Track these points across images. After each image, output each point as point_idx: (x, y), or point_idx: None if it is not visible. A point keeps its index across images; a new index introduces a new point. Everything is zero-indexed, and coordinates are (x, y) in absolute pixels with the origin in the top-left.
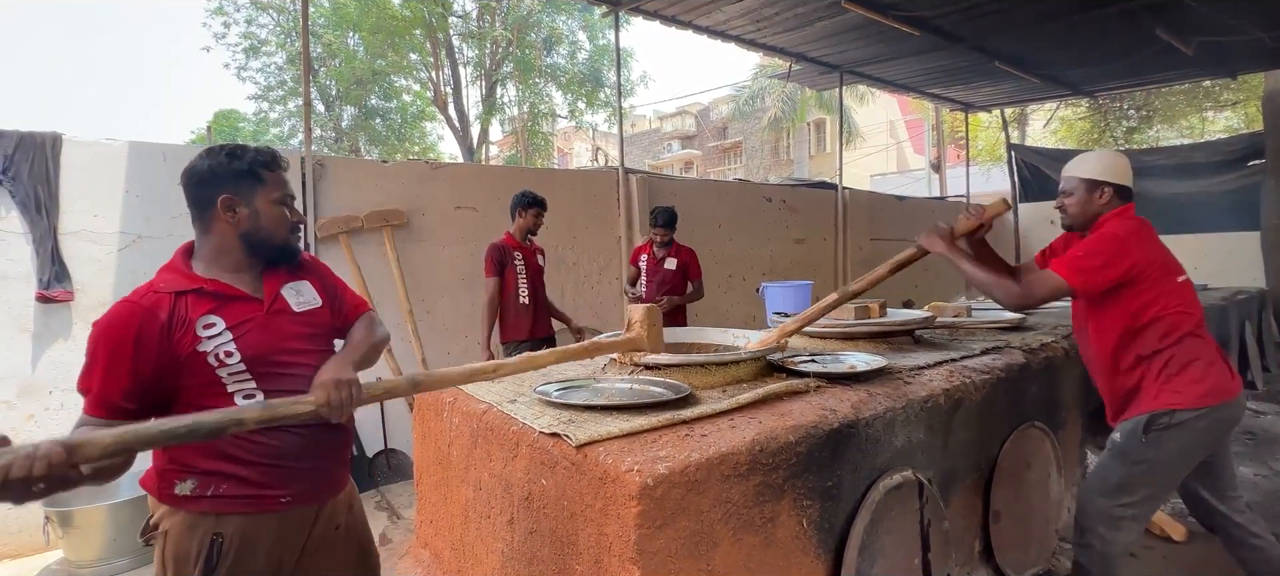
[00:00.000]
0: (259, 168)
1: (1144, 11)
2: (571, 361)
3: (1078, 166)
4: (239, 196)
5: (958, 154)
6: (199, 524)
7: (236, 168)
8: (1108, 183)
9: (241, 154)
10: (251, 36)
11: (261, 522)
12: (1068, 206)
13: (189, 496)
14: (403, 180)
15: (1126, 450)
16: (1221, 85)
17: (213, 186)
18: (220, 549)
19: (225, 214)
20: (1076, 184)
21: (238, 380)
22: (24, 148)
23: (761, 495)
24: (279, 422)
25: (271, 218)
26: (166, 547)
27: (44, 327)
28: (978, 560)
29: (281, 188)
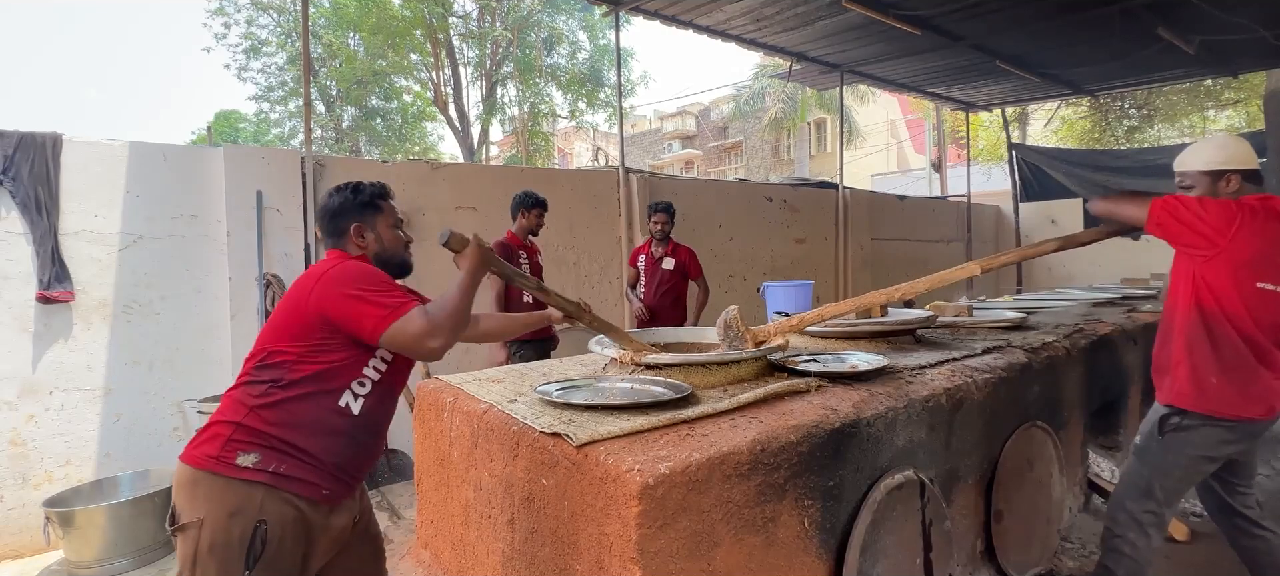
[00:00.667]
0: (377, 199)
1: (1145, 10)
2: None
3: (1194, 158)
4: (366, 224)
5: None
6: (244, 509)
7: (360, 201)
8: (1233, 170)
9: (361, 189)
10: (252, 37)
11: (298, 512)
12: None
13: (250, 468)
14: (403, 180)
15: (1146, 451)
16: (1223, 84)
17: (344, 218)
18: (265, 536)
19: (357, 239)
20: (1197, 177)
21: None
22: (24, 148)
23: (763, 495)
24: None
25: (392, 239)
26: (202, 536)
27: (45, 328)
28: (980, 560)
29: (395, 214)
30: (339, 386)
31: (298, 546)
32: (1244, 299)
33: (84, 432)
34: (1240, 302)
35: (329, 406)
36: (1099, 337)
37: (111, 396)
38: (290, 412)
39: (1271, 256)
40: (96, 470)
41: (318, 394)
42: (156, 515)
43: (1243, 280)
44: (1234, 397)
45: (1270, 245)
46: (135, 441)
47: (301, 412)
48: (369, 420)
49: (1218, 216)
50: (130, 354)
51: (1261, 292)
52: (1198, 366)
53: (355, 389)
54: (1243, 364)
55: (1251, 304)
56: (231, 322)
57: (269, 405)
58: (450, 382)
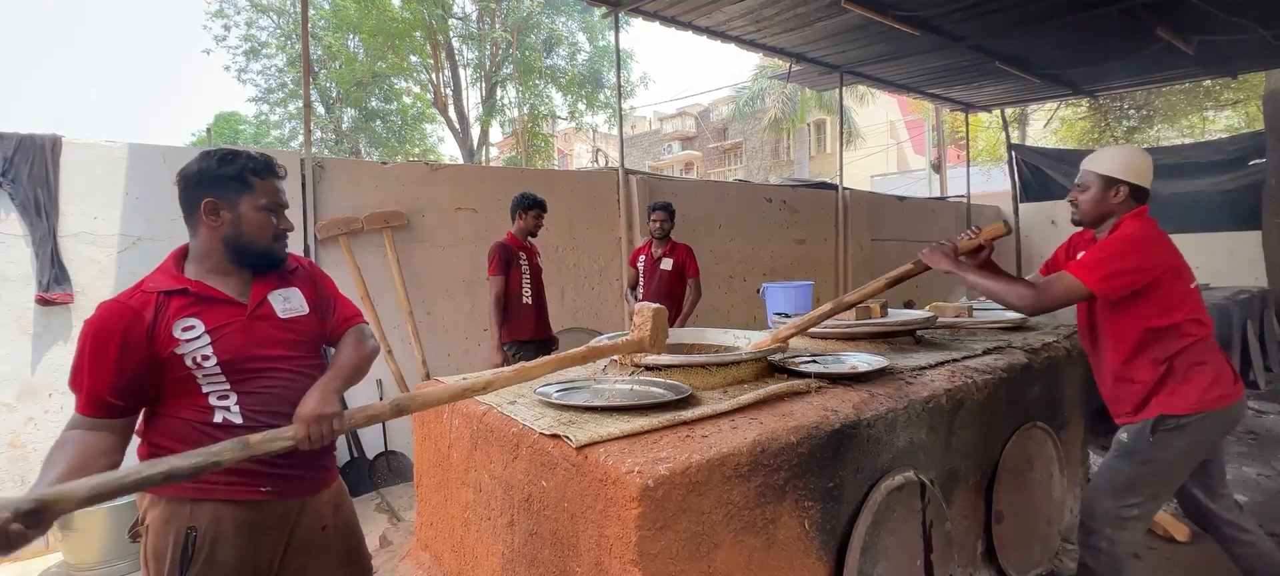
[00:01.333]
0: (248, 173)
1: (1144, 10)
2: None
3: (1096, 161)
4: (223, 200)
5: (958, 154)
6: (175, 517)
7: (225, 172)
8: (1125, 181)
9: (233, 159)
10: (252, 39)
11: (238, 513)
12: (1081, 201)
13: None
14: (402, 181)
15: (1133, 450)
16: (1222, 84)
17: (199, 189)
18: (195, 541)
19: (207, 217)
20: (1093, 179)
21: (212, 382)
22: (24, 150)
23: (763, 496)
24: (256, 457)
25: (253, 223)
26: (147, 543)
27: (44, 330)
28: (980, 561)
29: (270, 195)
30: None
31: (237, 550)
32: (1189, 301)
33: None
34: (1189, 305)
35: (202, 426)
36: None
37: None
38: (174, 434)
39: (1179, 257)
40: None
41: (182, 421)
42: None
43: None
44: (1210, 390)
45: (1173, 248)
46: (134, 443)
47: (182, 435)
48: (265, 420)
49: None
50: None
51: (1192, 291)
52: (1174, 376)
53: (220, 404)
54: (1204, 358)
55: (1195, 303)
56: None
57: (158, 425)
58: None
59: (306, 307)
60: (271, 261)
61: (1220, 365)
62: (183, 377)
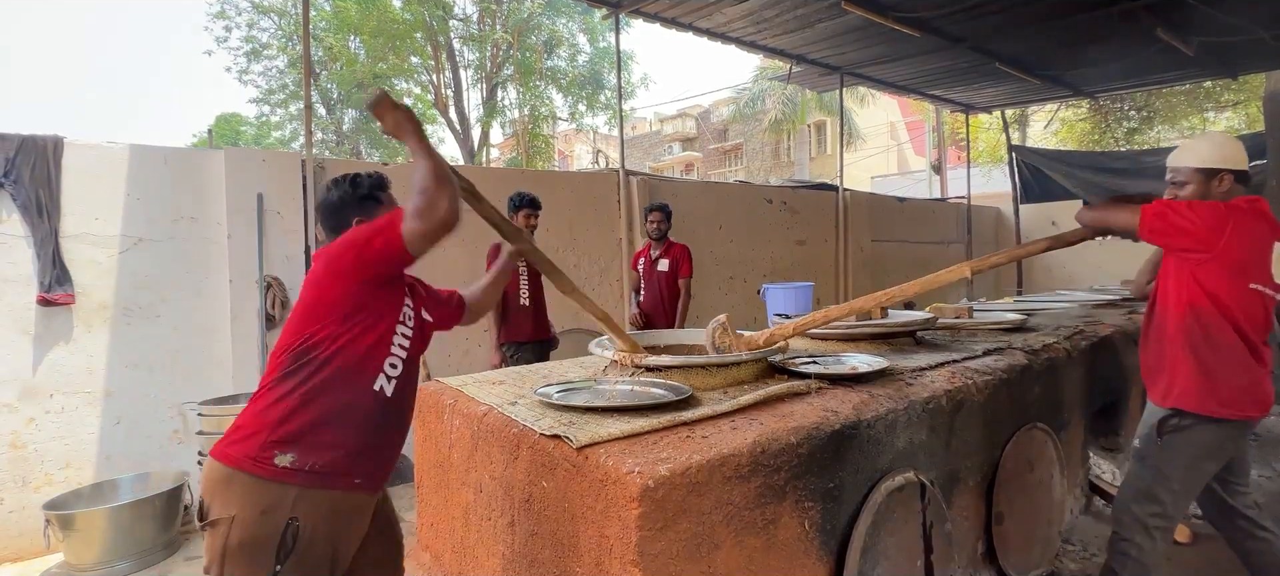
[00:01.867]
0: (375, 191)
1: (1144, 12)
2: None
3: (1188, 155)
4: (366, 217)
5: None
6: (276, 506)
7: (359, 194)
8: (1227, 169)
9: (359, 182)
10: (253, 40)
11: (333, 502)
12: (1181, 199)
13: (288, 467)
14: (403, 182)
15: (1146, 454)
16: (1222, 86)
17: (346, 212)
18: (296, 534)
19: None
20: (1190, 174)
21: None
22: (26, 151)
23: (763, 497)
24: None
25: None
26: (232, 533)
27: (45, 330)
28: (981, 562)
29: (394, 204)
30: (373, 369)
31: (329, 540)
32: (1238, 299)
33: (84, 435)
34: (1235, 303)
35: (364, 389)
36: (1099, 339)
37: (112, 399)
38: (326, 403)
39: (1259, 258)
40: (97, 472)
41: (353, 376)
42: (157, 517)
43: (1236, 281)
44: (1235, 397)
45: (1258, 246)
46: (135, 444)
47: (338, 399)
48: (400, 402)
49: (1210, 218)
50: (130, 356)
51: (1252, 293)
52: (1200, 367)
53: (388, 371)
54: (1242, 363)
55: (1244, 304)
56: (232, 325)
57: (305, 396)
58: (450, 385)
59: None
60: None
61: (1252, 378)
62: (388, 328)
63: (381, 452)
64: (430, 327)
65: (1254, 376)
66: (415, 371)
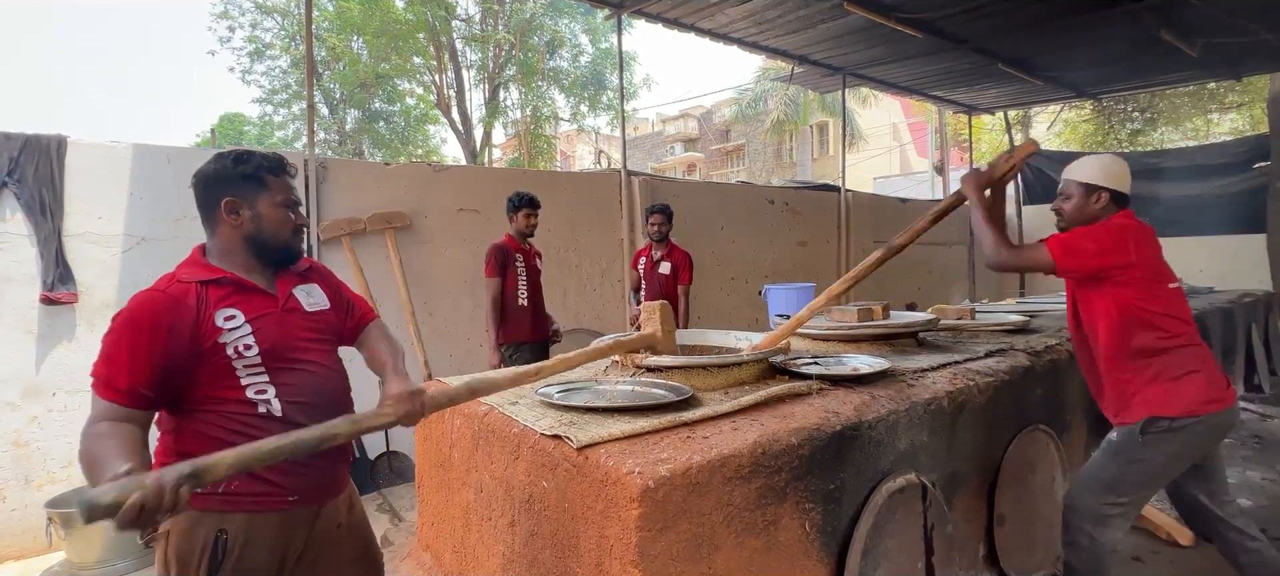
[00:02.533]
0: (263, 172)
1: (1148, 13)
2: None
3: (1076, 170)
4: (242, 199)
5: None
6: (203, 521)
7: (241, 172)
8: (1105, 187)
9: (247, 159)
10: (256, 40)
11: (266, 520)
12: (1064, 210)
13: (199, 493)
14: (405, 182)
15: (1122, 448)
16: (1226, 87)
17: (217, 189)
18: (225, 546)
19: (228, 216)
20: (1074, 187)
21: (252, 372)
22: (29, 150)
23: (763, 498)
24: (362, 432)
25: (273, 221)
26: (169, 547)
27: (48, 329)
28: (982, 564)
29: (286, 192)
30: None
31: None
32: (1169, 300)
33: None
34: (1165, 305)
35: (243, 418)
36: None
37: None
38: (209, 437)
39: (1162, 259)
40: None
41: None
42: None
43: (1157, 286)
44: (1201, 394)
45: (1157, 250)
46: None
47: (220, 433)
48: (307, 413)
49: (1115, 242)
50: None
51: (1173, 292)
52: (1162, 379)
53: (260, 396)
54: (1194, 363)
55: (1172, 304)
56: None
57: (183, 431)
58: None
59: (328, 303)
60: (291, 256)
61: (1211, 370)
62: (222, 368)
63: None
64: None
65: (1206, 371)
66: (320, 372)
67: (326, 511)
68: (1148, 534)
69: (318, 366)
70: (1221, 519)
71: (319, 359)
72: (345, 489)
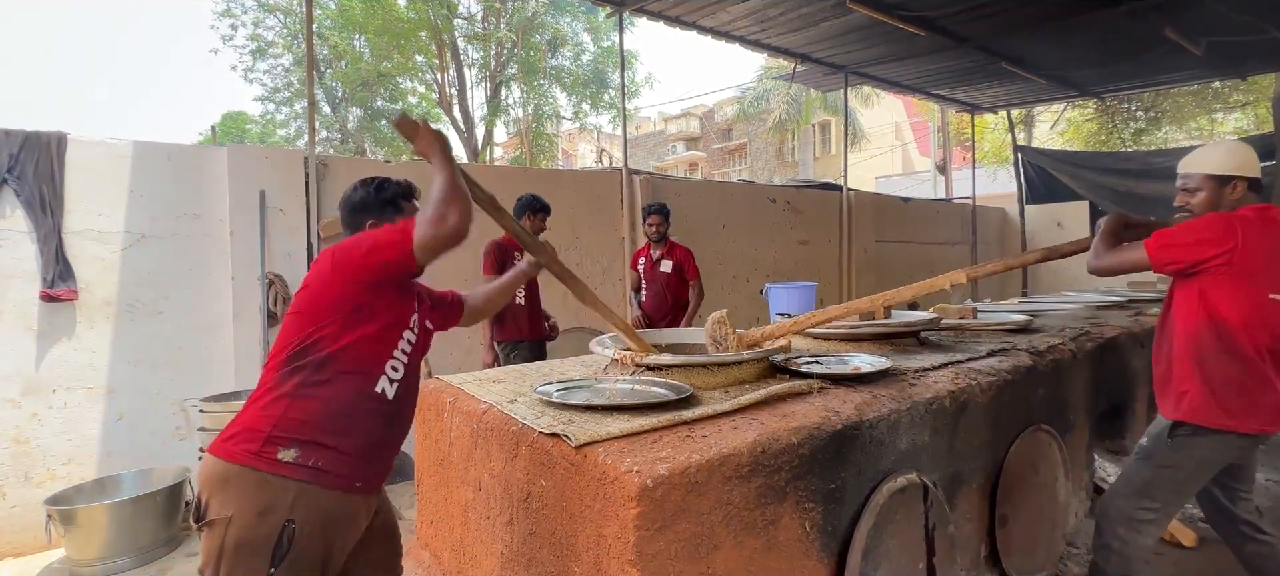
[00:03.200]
0: (399, 198)
1: (1152, 11)
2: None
3: (1202, 161)
4: (384, 221)
5: (964, 156)
6: (274, 508)
7: (382, 197)
8: (1240, 176)
9: (386, 187)
10: (258, 38)
11: (331, 506)
12: (1193, 205)
13: (290, 463)
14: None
15: (1152, 453)
16: (1231, 86)
17: (363, 213)
18: (293, 537)
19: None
20: (1202, 181)
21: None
22: (29, 147)
23: (763, 497)
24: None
25: None
26: (229, 533)
27: (49, 326)
28: (984, 565)
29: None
30: (376, 371)
31: (324, 543)
32: (1257, 310)
33: (86, 431)
34: (1254, 314)
35: (367, 392)
36: (1105, 341)
37: (114, 395)
38: (329, 403)
39: (1276, 265)
40: (98, 468)
41: (356, 377)
42: (158, 514)
43: (1254, 292)
44: (1247, 411)
45: (1273, 254)
46: (137, 440)
47: (340, 401)
48: (401, 405)
49: (1218, 232)
50: (133, 352)
51: (1272, 303)
52: (1211, 381)
53: (390, 374)
54: (1257, 377)
55: (1265, 315)
56: (234, 322)
57: (308, 394)
58: (450, 383)
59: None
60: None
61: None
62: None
63: (381, 455)
64: (431, 333)
65: (1271, 389)
66: (416, 375)
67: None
68: (1159, 537)
69: (416, 371)
70: (1234, 513)
71: (418, 364)
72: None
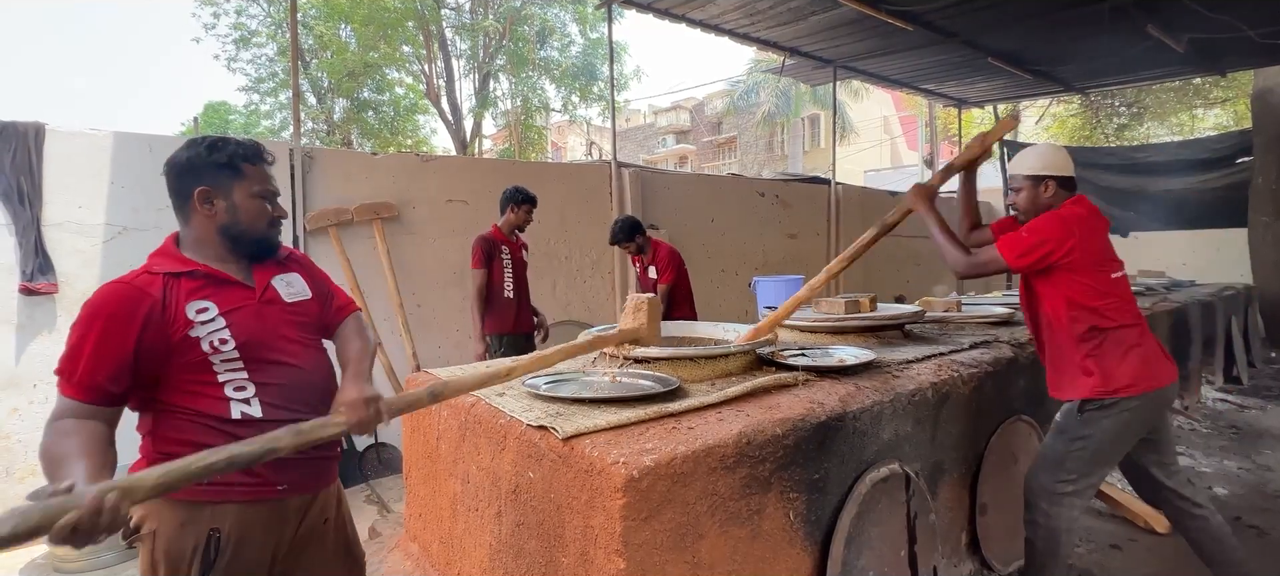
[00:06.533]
0: (239, 161)
1: (1134, 8)
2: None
3: (1021, 164)
4: (217, 189)
5: (951, 150)
6: (194, 519)
7: (215, 160)
8: (1049, 176)
9: (222, 146)
10: (242, 27)
11: (258, 512)
12: (1018, 203)
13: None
14: (393, 172)
15: (1064, 427)
16: (1211, 82)
17: (190, 178)
18: (218, 544)
19: (202, 206)
20: (1022, 181)
21: (230, 367)
22: (5, 137)
23: (748, 487)
24: (309, 445)
25: (249, 211)
26: (156, 547)
27: (28, 320)
28: (965, 552)
29: (262, 182)
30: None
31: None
32: (1114, 288)
33: None
34: (1109, 293)
35: (220, 422)
36: None
37: None
38: (187, 440)
39: (1107, 247)
40: None
41: (197, 417)
42: None
43: (1099, 275)
44: (1138, 376)
45: (1101, 238)
46: (119, 434)
47: (196, 435)
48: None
49: (1059, 232)
50: None
51: (1116, 281)
52: (1100, 359)
53: (236, 397)
54: (1132, 343)
55: (1112, 291)
56: None
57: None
58: (439, 376)
59: (309, 292)
60: (267, 248)
61: (1150, 348)
62: (197, 363)
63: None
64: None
65: (1143, 351)
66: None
67: (316, 503)
68: (1125, 521)
69: (301, 361)
70: (1168, 487)
71: (301, 352)
72: (334, 482)
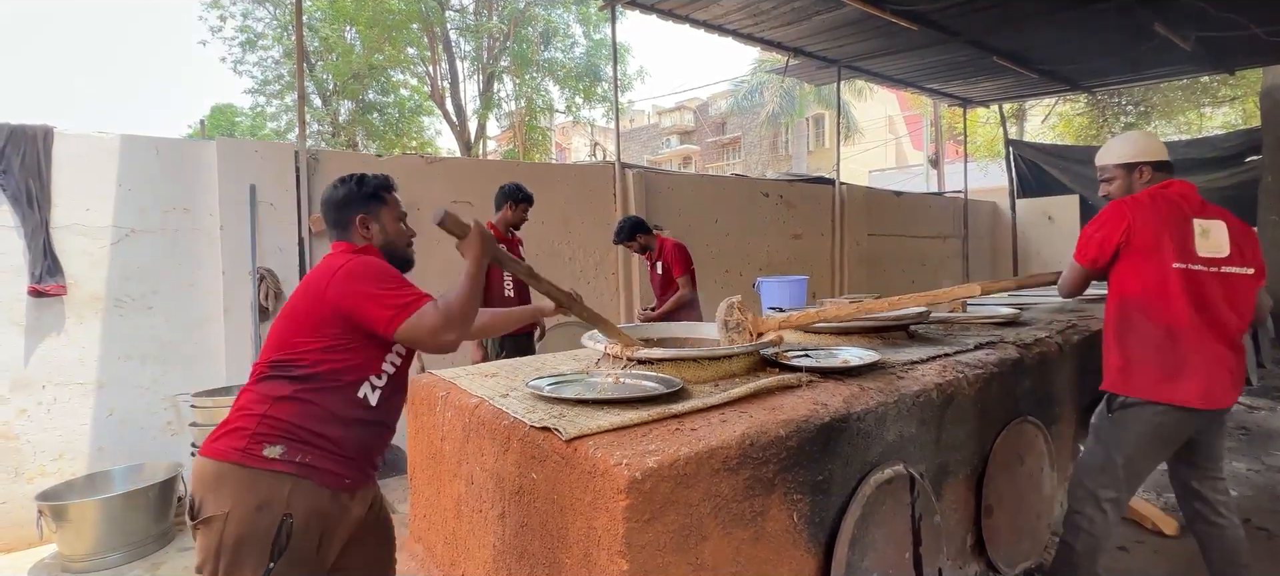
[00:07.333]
0: (381, 191)
1: (1142, 6)
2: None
3: (1110, 153)
4: (371, 215)
5: (956, 149)
6: (271, 503)
7: (365, 192)
8: (1145, 162)
9: (366, 181)
10: (248, 30)
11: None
12: (1113, 193)
13: (277, 459)
14: (398, 174)
15: (1098, 428)
16: (1219, 81)
17: (350, 209)
18: (290, 529)
19: (362, 230)
20: (1114, 170)
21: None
22: (15, 140)
23: (751, 489)
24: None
25: (396, 231)
26: (227, 530)
27: (36, 321)
28: (970, 554)
29: (399, 206)
30: (357, 380)
31: (317, 536)
32: (1162, 284)
33: (77, 426)
34: (1158, 289)
35: (348, 398)
36: (1091, 334)
37: (104, 390)
38: (311, 406)
39: (1176, 236)
40: (89, 464)
41: (336, 388)
42: (150, 509)
43: (1152, 265)
44: (1157, 382)
45: (1172, 227)
46: (128, 435)
47: (322, 405)
48: (385, 411)
49: (1112, 218)
50: (123, 348)
51: (1181, 273)
52: (1124, 352)
53: (373, 382)
54: (1164, 349)
55: (1172, 287)
56: (225, 317)
57: (291, 398)
58: (443, 377)
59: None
60: (410, 263)
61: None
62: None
63: (367, 454)
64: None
65: (1185, 361)
66: (403, 380)
67: (359, 499)
68: (1133, 524)
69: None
70: (1197, 491)
71: (407, 369)
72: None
